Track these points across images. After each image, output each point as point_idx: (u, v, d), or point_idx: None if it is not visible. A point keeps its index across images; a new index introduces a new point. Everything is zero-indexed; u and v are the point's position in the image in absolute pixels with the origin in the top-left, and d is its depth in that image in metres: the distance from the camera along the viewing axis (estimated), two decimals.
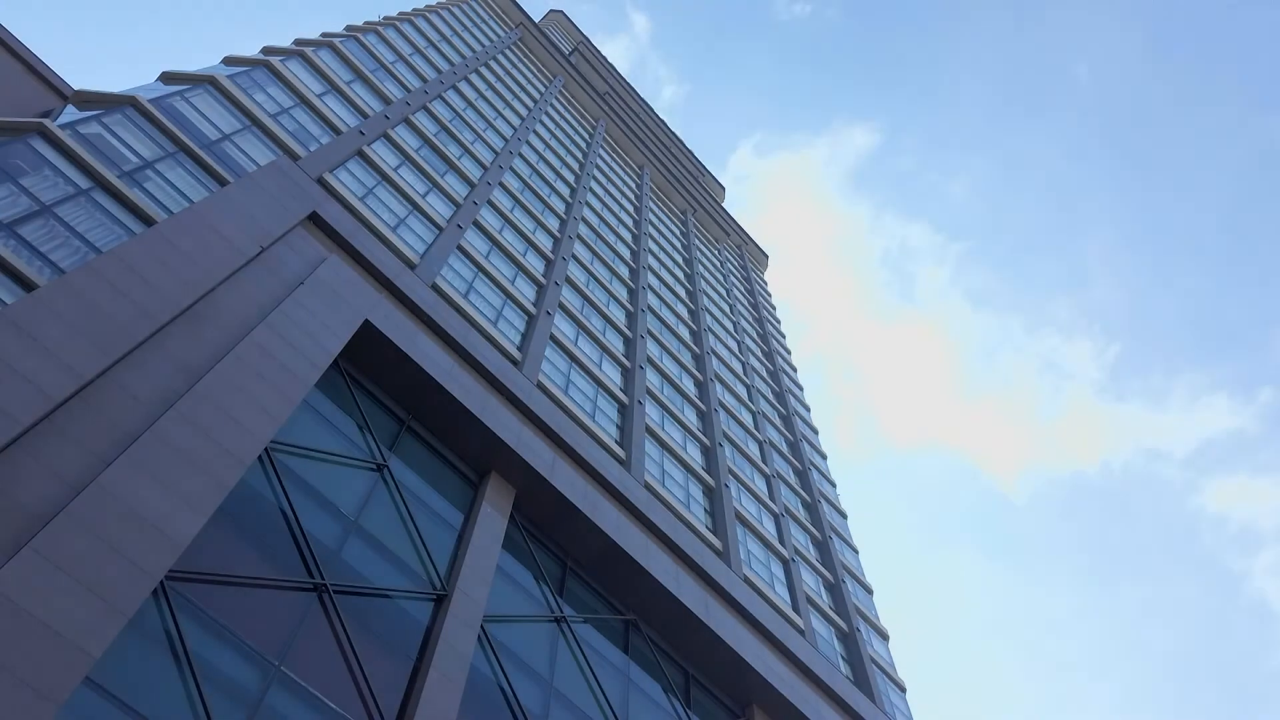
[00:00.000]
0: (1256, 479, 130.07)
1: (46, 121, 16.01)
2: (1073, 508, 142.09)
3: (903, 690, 30.24)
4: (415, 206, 26.83)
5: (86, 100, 18.43)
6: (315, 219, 19.60)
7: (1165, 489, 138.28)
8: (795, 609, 28.22)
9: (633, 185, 61.86)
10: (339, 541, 14.96)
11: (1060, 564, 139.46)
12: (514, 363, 24.23)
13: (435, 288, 23.59)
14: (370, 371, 18.70)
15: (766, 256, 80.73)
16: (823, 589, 31.93)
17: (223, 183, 19.13)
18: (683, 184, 72.88)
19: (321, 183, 22.42)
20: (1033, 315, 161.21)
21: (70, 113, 17.68)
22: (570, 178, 46.95)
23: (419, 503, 17.43)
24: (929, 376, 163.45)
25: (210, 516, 12.62)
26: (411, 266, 23.20)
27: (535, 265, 31.84)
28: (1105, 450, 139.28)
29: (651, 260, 48.05)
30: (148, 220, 16.27)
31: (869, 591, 35.30)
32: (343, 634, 13.65)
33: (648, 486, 25.56)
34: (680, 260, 55.00)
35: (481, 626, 16.34)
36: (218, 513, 13.12)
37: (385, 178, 26.48)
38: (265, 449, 14.78)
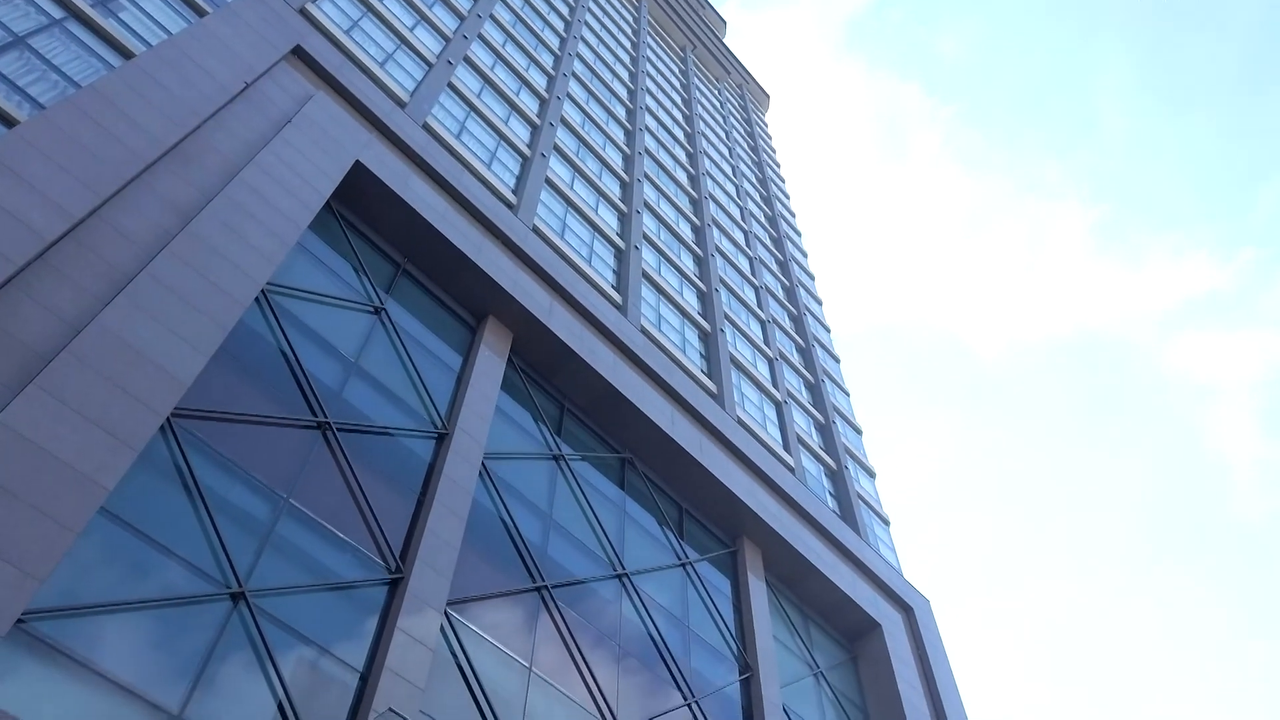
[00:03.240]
0: (1228, 335, 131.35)
1: None
2: (1047, 368, 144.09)
3: (886, 523, 31.61)
4: (403, 40, 25.78)
5: None
6: (299, 53, 18.88)
7: (1137, 348, 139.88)
8: (786, 448, 29.09)
9: (630, 20, 59.24)
10: (340, 382, 15.24)
11: (1034, 421, 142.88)
12: (509, 206, 23.94)
13: (426, 128, 23.00)
14: (364, 214, 18.50)
15: (768, 96, 78.28)
16: (813, 429, 32.81)
17: (200, 13, 18.31)
18: (682, 18, 69.80)
19: (304, 14, 21.45)
20: (1022, 179, 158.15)
21: None
22: (564, 10, 44.90)
23: (417, 345, 17.64)
24: (914, 240, 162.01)
25: (211, 356, 12.80)
26: (401, 105, 22.53)
27: (529, 105, 30.92)
28: (1083, 311, 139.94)
29: (649, 101, 46.64)
30: (125, 53, 15.67)
31: (858, 432, 36.28)
32: (348, 469, 14.12)
33: (644, 331, 25.81)
34: (679, 100, 53.37)
35: (482, 463, 16.89)
36: (219, 353, 13.30)
37: (370, 8, 25.31)
38: (262, 291, 14.82)
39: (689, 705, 17.78)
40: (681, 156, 44.03)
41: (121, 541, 10.58)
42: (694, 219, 38.19)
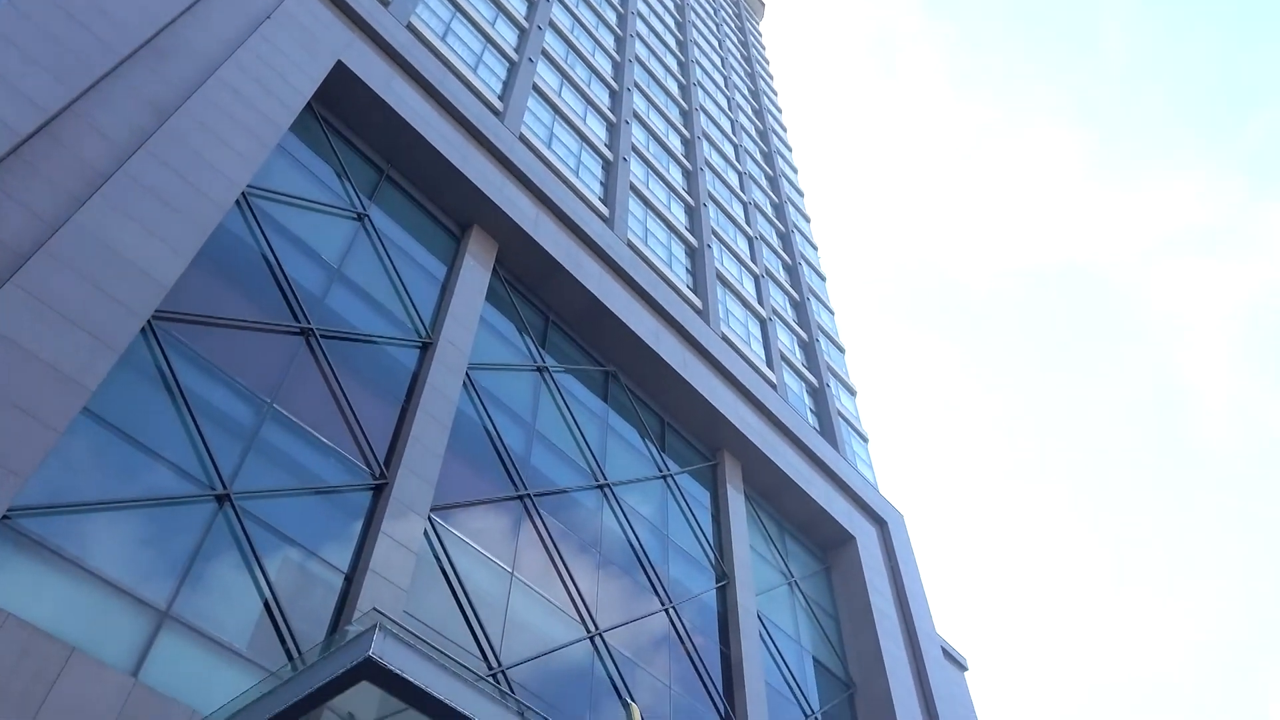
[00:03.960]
0: (1212, 265, 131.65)
1: None
2: (1032, 296, 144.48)
3: (865, 440, 32.11)
4: None
5: None
6: None
7: (1121, 278, 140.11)
8: (769, 365, 29.30)
9: None
10: (323, 289, 15.13)
11: (1015, 347, 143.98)
12: (495, 113, 23.44)
13: (410, 28, 22.32)
14: (346, 118, 18.10)
15: (763, 5, 76.22)
16: (797, 347, 33.00)
17: None
18: None
19: None
20: (1016, 102, 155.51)
21: None
22: None
23: (401, 253, 17.49)
24: (905, 163, 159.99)
25: (192, 259, 12.65)
26: (384, 4, 21.81)
27: (516, 7, 29.99)
28: (1071, 239, 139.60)
29: (641, 5, 45.31)
30: None
31: (841, 350, 36.52)
32: (331, 376, 14.14)
33: (630, 245, 25.64)
34: (671, 6, 51.89)
35: (466, 373, 16.94)
36: (200, 256, 13.14)
37: None
38: (243, 193, 14.58)
39: (666, 611, 18.31)
40: (673, 65, 43.04)
41: (106, 443, 10.63)
42: (684, 131, 37.56)
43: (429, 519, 14.14)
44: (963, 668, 30.77)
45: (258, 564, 11.37)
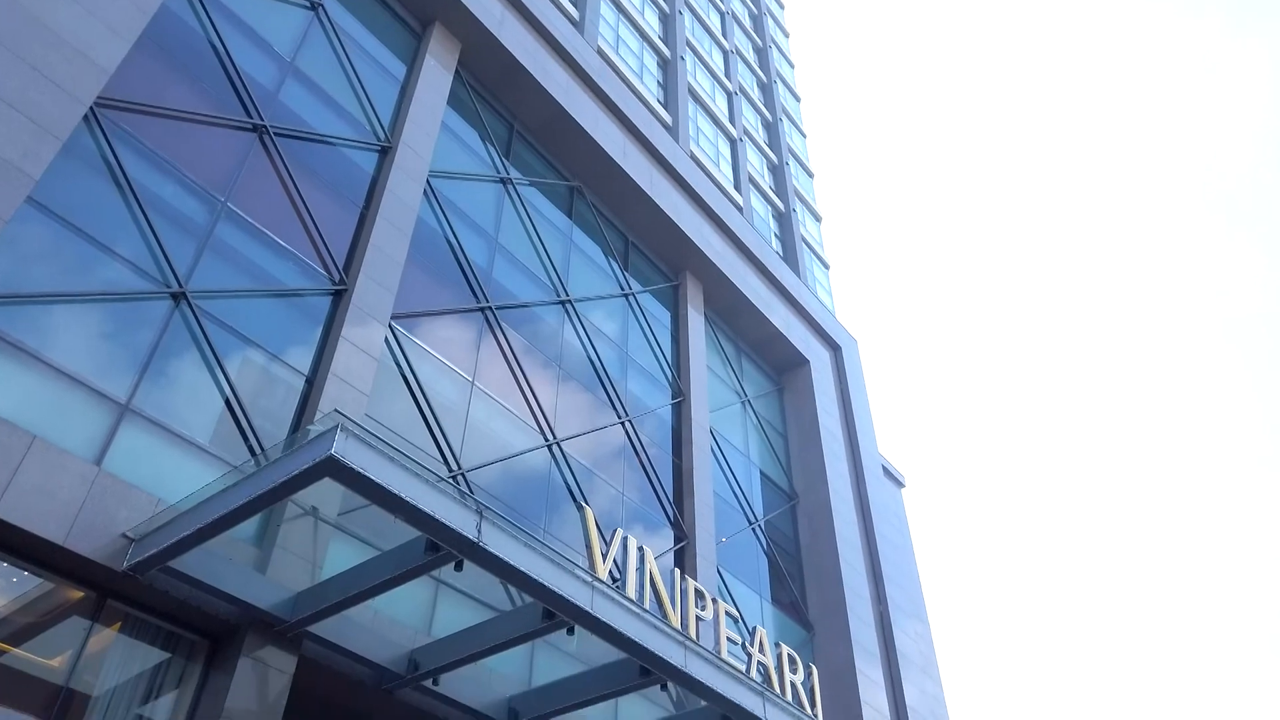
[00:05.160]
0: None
1: None
2: (1017, 123, 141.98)
3: (826, 267, 32.37)
4: None
5: None
6: None
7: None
8: (736, 186, 28.96)
9: None
10: (276, 84, 14.43)
11: (986, 191, 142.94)
12: None
13: None
14: None
15: None
16: (766, 170, 32.54)
17: None
18: None
19: None
20: None
21: None
22: None
23: (359, 49, 16.61)
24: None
25: (134, 43, 11.92)
26: None
27: None
28: (1071, 58, 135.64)
29: None
30: None
31: (810, 175, 36.12)
32: (287, 177, 13.73)
33: (600, 53, 24.56)
34: None
35: (427, 181, 16.54)
36: (143, 40, 12.33)
37: None
38: None
39: (623, 423, 18.90)
40: None
41: (56, 236, 10.36)
42: None
43: (390, 327, 14.18)
44: (900, 484, 32.52)
45: (218, 364, 11.42)
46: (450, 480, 13.27)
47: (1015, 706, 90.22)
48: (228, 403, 11.33)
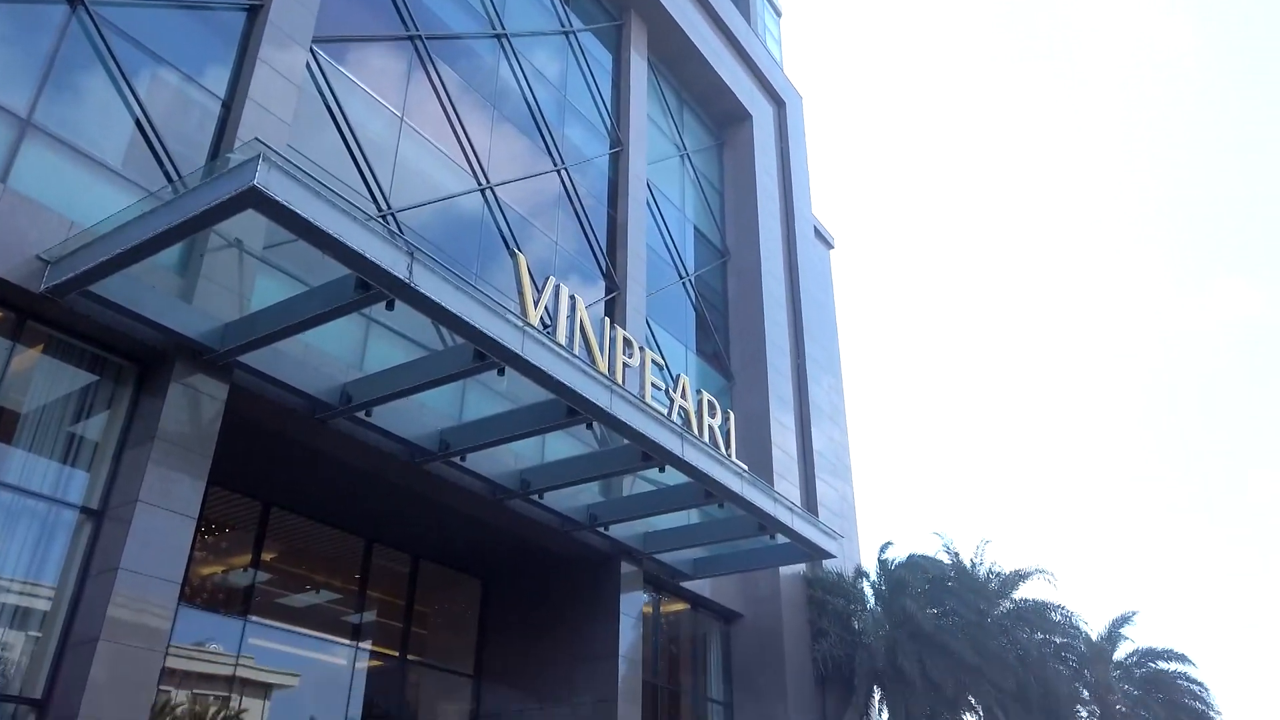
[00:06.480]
0: None
1: None
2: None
3: (778, 14, 30.87)
4: None
5: None
6: None
7: None
8: None
9: None
10: None
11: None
12: None
13: None
14: None
15: None
16: None
17: None
18: None
19: None
20: None
21: None
22: None
23: None
24: None
25: None
26: None
27: None
28: None
29: None
30: None
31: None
32: None
33: None
34: None
35: None
36: None
37: None
38: None
39: (558, 171, 18.50)
40: None
41: None
42: None
43: (311, 51, 13.24)
44: (829, 245, 33.11)
45: (125, 81, 10.63)
46: (380, 220, 13.02)
47: (916, 456, 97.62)
48: (139, 124, 10.67)
